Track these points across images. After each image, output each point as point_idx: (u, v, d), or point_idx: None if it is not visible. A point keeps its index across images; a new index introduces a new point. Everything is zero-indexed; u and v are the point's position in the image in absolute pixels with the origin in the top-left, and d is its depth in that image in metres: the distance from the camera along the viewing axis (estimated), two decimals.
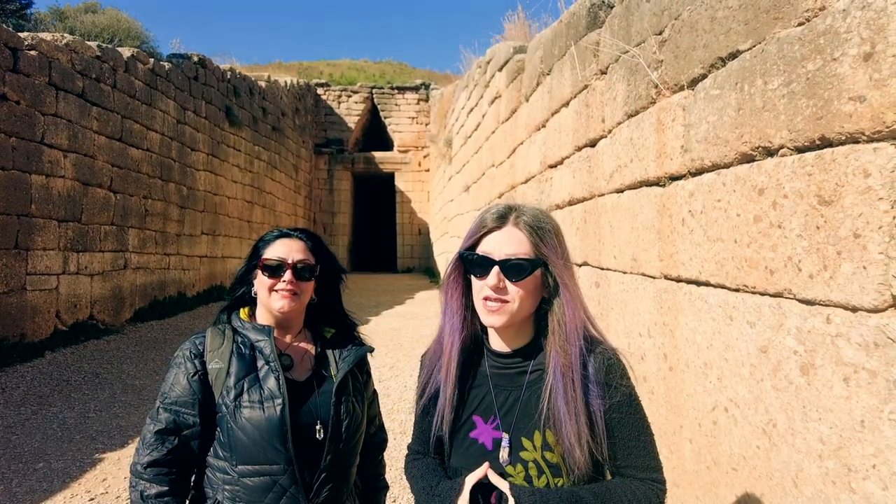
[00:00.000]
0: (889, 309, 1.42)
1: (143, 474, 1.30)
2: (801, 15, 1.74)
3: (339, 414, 1.37)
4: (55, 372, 5.82)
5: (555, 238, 1.10)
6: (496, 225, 1.10)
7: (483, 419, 1.12)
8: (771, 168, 1.86)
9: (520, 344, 1.15)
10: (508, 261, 1.06)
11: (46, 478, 3.51)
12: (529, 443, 1.08)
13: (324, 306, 1.52)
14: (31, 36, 6.65)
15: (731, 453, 2.08)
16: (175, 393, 1.33)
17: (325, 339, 1.50)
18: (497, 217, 1.10)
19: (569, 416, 1.04)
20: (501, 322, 1.08)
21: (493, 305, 1.07)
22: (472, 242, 1.12)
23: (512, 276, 1.06)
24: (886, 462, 1.41)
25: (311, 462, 1.32)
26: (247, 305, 1.48)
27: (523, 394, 1.11)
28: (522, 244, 1.08)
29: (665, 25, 2.69)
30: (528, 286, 1.08)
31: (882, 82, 1.42)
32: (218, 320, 1.47)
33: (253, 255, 1.45)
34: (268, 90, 15.77)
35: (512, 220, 1.09)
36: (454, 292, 1.16)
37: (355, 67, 24.12)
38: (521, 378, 1.12)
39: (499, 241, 1.08)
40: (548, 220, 1.12)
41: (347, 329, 1.54)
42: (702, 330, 2.31)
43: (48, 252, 6.75)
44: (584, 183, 3.90)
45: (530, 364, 1.13)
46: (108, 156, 8.01)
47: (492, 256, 1.07)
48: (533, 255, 1.07)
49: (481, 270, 1.08)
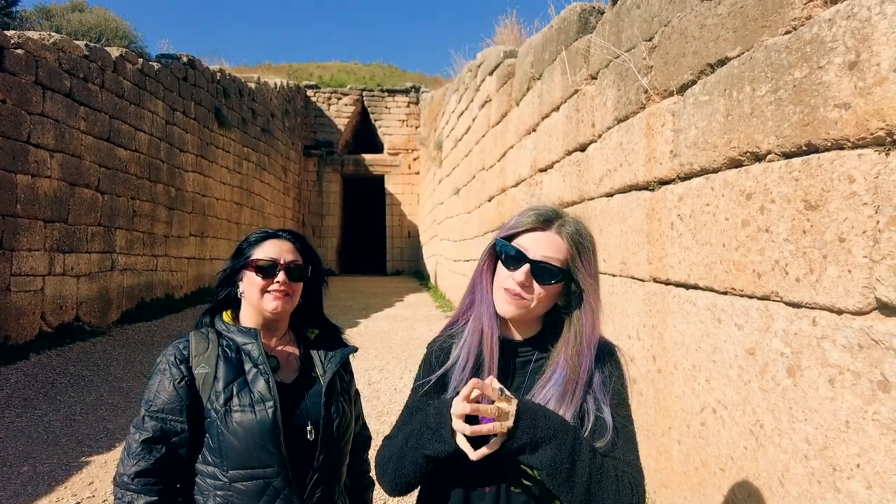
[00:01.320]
0: (873, 311, 1.45)
1: (129, 485, 1.27)
2: (788, 23, 1.78)
3: (330, 414, 1.37)
4: (40, 374, 5.74)
5: (591, 255, 1.12)
6: (540, 226, 1.11)
7: None
8: (759, 173, 1.89)
9: (528, 335, 1.18)
10: (541, 262, 1.08)
11: (31, 481, 3.46)
12: None
13: (307, 308, 1.51)
14: (17, 34, 6.57)
15: (719, 454, 2.11)
16: (161, 400, 1.31)
17: (309, 340, 1.49)
18: (542, 220, 1.11)
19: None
20: (514, 314, 1.11)
21: (512, 298, 1.09)
22: (510, 234, 1.13)
23: (540, 278, 1.08)
24: (870, 462, 1.44)
25: (303, 463, 1.32)
26: (229, 308, 1.46)
27: (526, 381, 1.14)
28: (560, 251, 1.09)
29: (655, 32, 2.73)
30: (551, 291, 1.10)
31: (866, 90, 1.45)
32: (200, 324, 1.45)
33: (238, 256, 1.43)
34: (257, 91, 15.70)
35: (556, 227, 1.11)
36: (486, 280, 1.17)
37: (345, 70, 24.09)
38: (526, 367, 1.16)
39: (537, 241, 1.10)
40: (588, 237, 1.13)
41: (331, 330, 1.54)
42: (690, 332, 2.34)
43: (33, 253, 6.66)
44: (574, 187, 3.94)
45: (535, 354, 1.16)
46: (95, 156, 7.93)
47: (527, 253, 1.09)
48: (567, 264, 1.09)
49: (513, 263, 1.10)
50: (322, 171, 21.36)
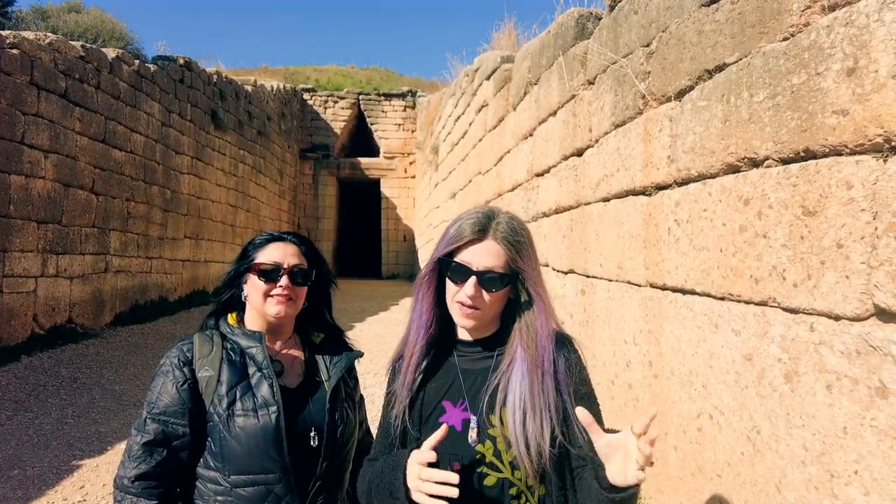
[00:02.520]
0: (871, 317, 1.45)
1: (130, 488, 1.25)
2: (786, 30, 1.78)
3: (335, 420, 1.36)
4: (31, 377, 5.69)
5: (529, 249, 1.18)
6: (477, 237, 1.16)
7: (452, 403, 1.19)
8: (756, 179, 1.90)
9: (486, 334, 1.23)
10: (486, 273, 1.13)
11: (22, 485, 3.42)
12: (497, 419, 1.15)
13: (313, 311, 1.50)
14: (12, 34, 6.55)
15: (716, 460, 2.10)
16: (163, 402, 1.30)
17: (314, 344, 1.48)
18: (478, 230, 1.16)
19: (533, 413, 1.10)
20: (473, 325, 1.18)
21: (467, 311, 1.15)
22: (450, 250, 1.17)
23: (488, 287, 1.14)
24: (868, 468, 1.43)
25: (306, 470, 1.31)
26: (234, 310, 1.45)
27: (490, 377, 1.18)
28: (500, 257, 1.14)
29: (653, 37, 2.74)
30: (500, 295, 1.17)
31: (864, 97, 1.45)
32: (205, 326, 1.44)
33: (242, 258, 1.42)
34: (254, 94, 15.68)
35: (491, 234, 1.16)
36: (426, 294, 1.23)
37: (342, 73, 24.09)
38: (488, 363, 1.20)
39: (477, 253, 1.14)
40: (523, 233, 1.19)
41: (337, 334, 1.53)
42: (687, 338, 2.34)
43: (26, 254, 6.62)
44: (571, 191, 3.94)
45: (496, 351, 1.21)
46: (90, 157, 7.89)
47: (471, 267, 1.14)
48: (509, 268, 1.15)
49: (459, 278, 1.15)
50: (318, 174, 21.34)
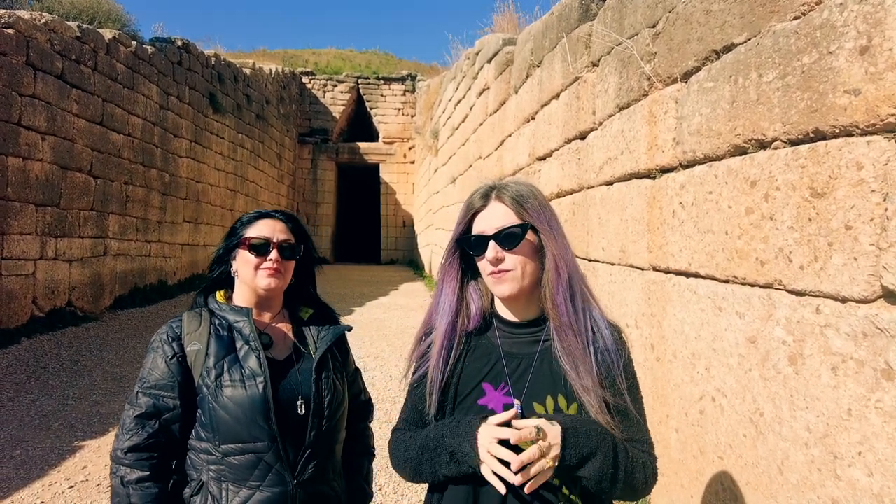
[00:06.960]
0: (878, 300, 1.44)
1: (123, 460, 1.30)
2: (797, 8, 1.75)
3: (321, 390, 1.39)
4: (32, 359, 5.70)
5: (535, 201, 1.15)
6: (482, 204, 1.15)
7: (493, 386, 1.14)
8: (764, 160, 1.88)
9: (532, 315, 1.18)
10: (500, 232, 1.11)
11: (24, 465, 3.44)
12: (542, 407, 1.10)
13: (300, 288, 1.55)
14: (7, 13, 6.45)
15: (718, 442, 2.11)
16: (154, 377, 1.34)
17: (303, 319, 1.52)
18: (481, 197, 1.16)
19: (572, 369, 1.08)
20: (511, 290, 1.12)
21: (497, 275, 1.12)
22: (464, 227, 1.17)
23: (507, 245, 1.11)
24: (872, 449, 1.43)
25: (294, 439, 1.34)
26: (223, 288, 1.49)
27: (535, 361, 1.14)
28: (508, 215, 1.13)
29: (659, 18, 2.70)
30: (524, 251, 1.12)
31: (878, 76, 1.43)
32: (195, 304, 1.48)
33: (231, 235, 1.47)
34: (252, 77, 15.54)
35: (494, 197, 1.15)
36: (449, 277, 1.21)
37: (341, 57, 23.86)
38: (534, 346, 1.16)
39: (487, 218, 1.14)
40: (526, 187, 1.17)
41: (324, 310, 1.57)
42: (690, 321, 2.33)
43: (25, 237, 6.58)
44: (574, 175, 3.91)
45: (542, 333, 1.16)
46: (88, 140, 7.82)
47: (485, 233, 1.13)
48: (520, 221, 1.13)
49: (480, 249, 1.13)
50: (317, 158, 21.22)
